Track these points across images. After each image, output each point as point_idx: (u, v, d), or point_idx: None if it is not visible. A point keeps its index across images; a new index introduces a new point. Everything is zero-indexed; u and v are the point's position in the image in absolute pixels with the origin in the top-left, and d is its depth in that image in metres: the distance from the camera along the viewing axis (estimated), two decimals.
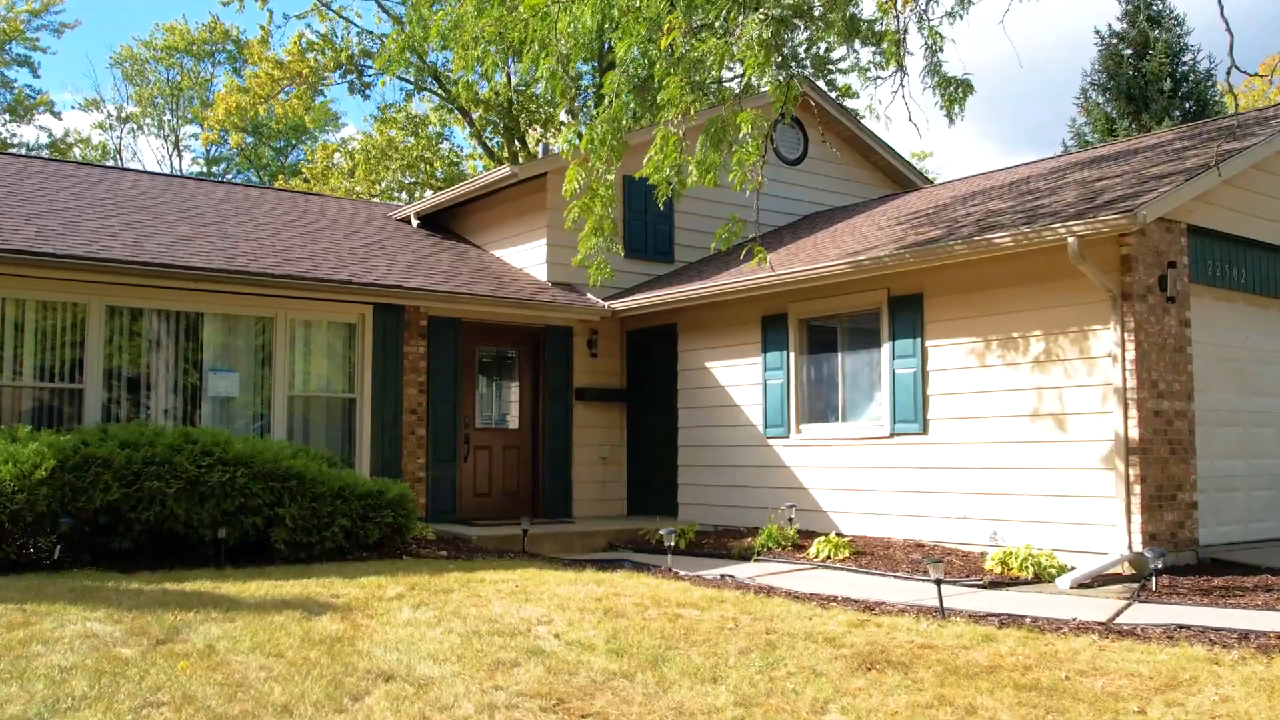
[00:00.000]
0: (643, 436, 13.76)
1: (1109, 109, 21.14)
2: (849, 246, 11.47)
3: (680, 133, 9.14)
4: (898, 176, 17.22)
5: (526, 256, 14.01)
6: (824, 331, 11.65)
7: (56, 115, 42.90)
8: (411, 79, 27.36)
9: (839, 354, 11.33)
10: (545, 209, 13.68)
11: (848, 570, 9.35)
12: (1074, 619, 6.91)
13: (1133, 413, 8.81)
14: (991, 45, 50.41)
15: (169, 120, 44.46)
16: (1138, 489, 8.77)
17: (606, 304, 13.30)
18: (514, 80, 24.45)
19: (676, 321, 13.29)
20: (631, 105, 9.61)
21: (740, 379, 12.34)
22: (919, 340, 10.41)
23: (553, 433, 13.31)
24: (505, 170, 13.27)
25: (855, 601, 7.68)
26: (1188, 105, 20.88)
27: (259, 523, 8.84)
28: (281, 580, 7.70)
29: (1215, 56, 21.60)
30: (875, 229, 12.18)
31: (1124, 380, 8.86)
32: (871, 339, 10.99)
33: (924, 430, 10.33)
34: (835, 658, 5.53)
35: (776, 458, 11.80)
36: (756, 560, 10.10)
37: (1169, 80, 20.56)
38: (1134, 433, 8.79)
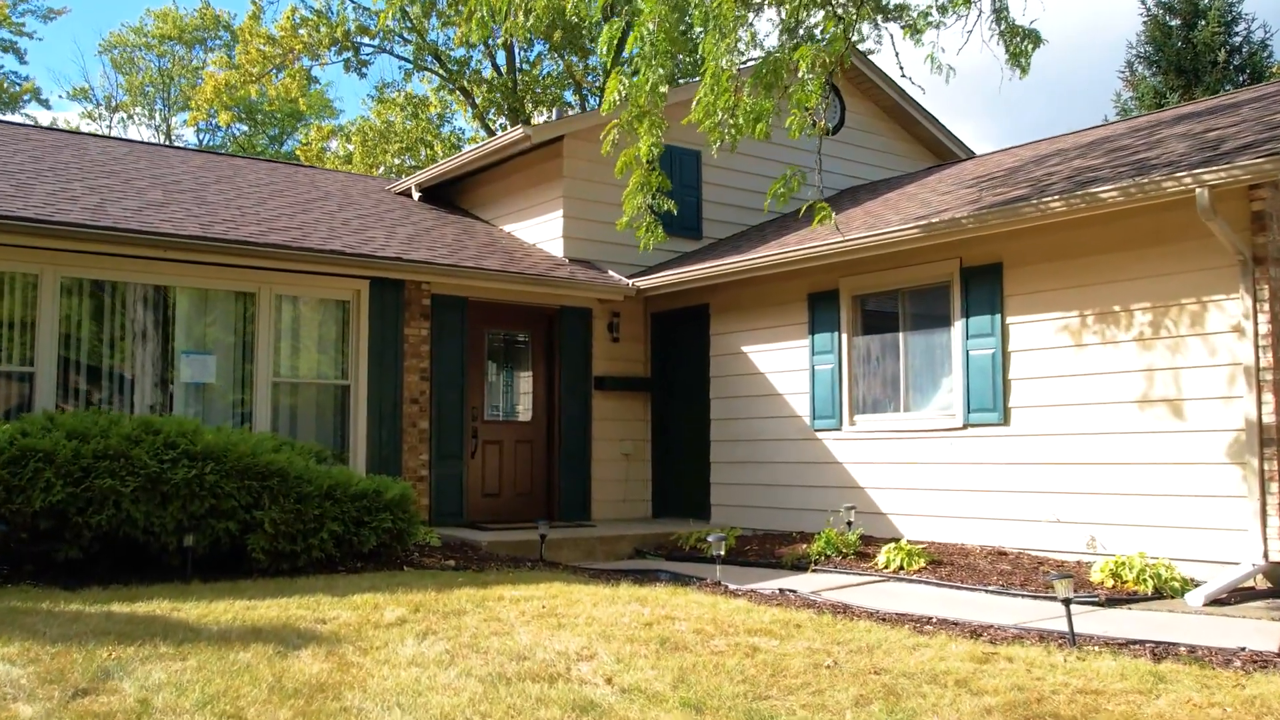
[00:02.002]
0: (670, 430, 12.38)
1: (1156, 83, 19.75)
2: (911, 212, 10.08)
3: (734, 69, 7.75)
4: (940, 150, 15.85)
5: (540, 231, 12.63)
6: (881, 309, 10.27)
7: (44, 104, 41.45)
8: (411, 57, 25.99)
9: (900, 334, 9.94)
10: (561, 177, 12.30)
11: (927, 583, 7.96)
12: (1243, 649, 5.52)
13: (1268, 397, 7.43)
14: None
15: (160, 110, 43.08)
16: (1274, 487, 7.38)
17: (630, 282, 11.91)
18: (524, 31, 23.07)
19: (708, 301, 11.90)
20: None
21: (783, 364, 10.95)
22: (998, 317, 9.02)
23: (570, 426, 11.93)
24: (518, 133, 11.88)
25: (955, 624, 6.31)
26: (1241, 78, 19.51)
27: (233, 528, 7.45)
28: (256, 599, 6.31)
29: (1271, 25, 20.19)
30: (936, 195, 10.79)
31: (1256, 359, 7.48)
32: (939, 317, 9.60)
33: (1004, 420, 8.94)
34: (984, 711, 4.15)
35: (826, 453, 10.42)
36: (814, 570, 8.71)
37: (1223, 50, 19.18)
38: (1269, 419, 7.41)
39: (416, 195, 14.11)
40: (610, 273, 12.13)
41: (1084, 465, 8.40)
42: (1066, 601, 5.86)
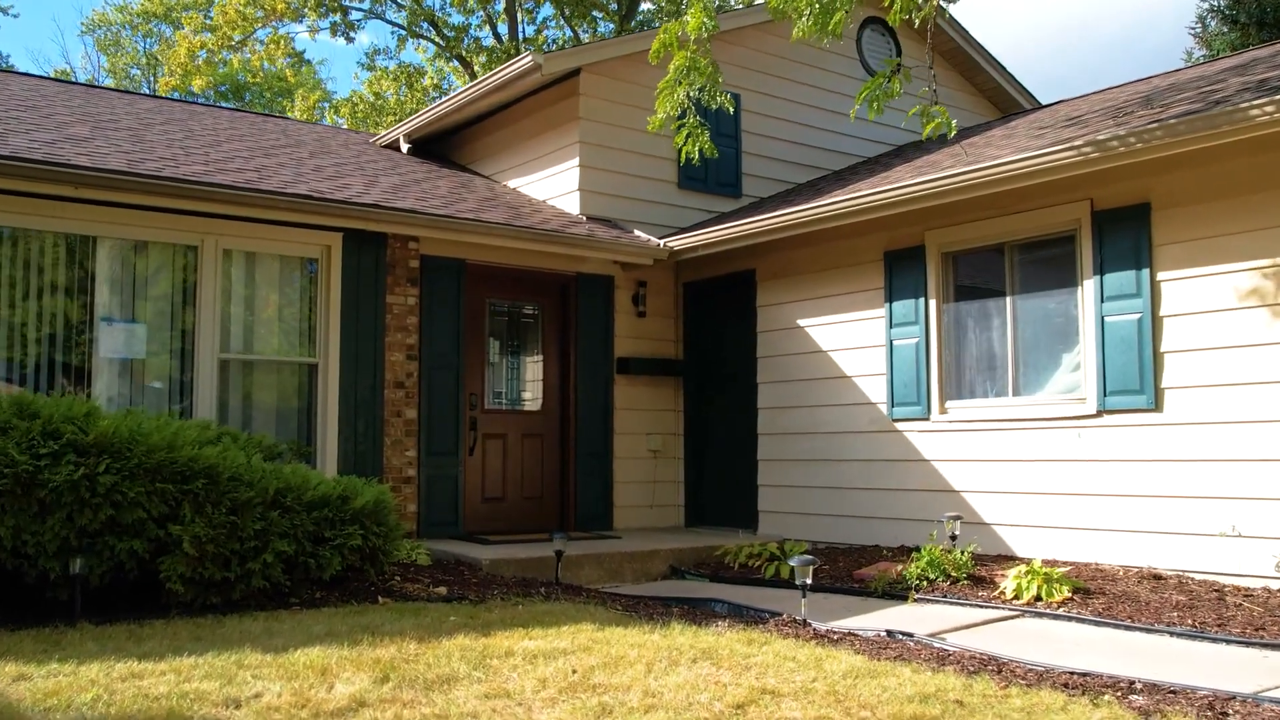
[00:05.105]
0: (706, 422, 10.37)
1: (1234, 38, 17.75)
2: (1019, 147, 8.06)
3: None
4: (1004, 102, 13.85)
5: (552, 185, 10.60)
6: (980, 268, 8.27)
7: None
8: (404, 23, 23.98)
9: (1006, 299, 7.93)
10: (578, 119, 10.27)
11: (1080, 620, 5.94)
12: None
13: None
14: (996, 31, 47.21)
15: (147, 94, 41.04)
16: None
17: (661, 243, 9.89)
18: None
19: (754, 266, 9.88)
20: None
21: (851, 340, 8.94)
22: (1145, 272, 7.01)
23: (587, 417, 9.92)
24: (527, 61, 9.85)
25: (1173, 692, 4.30)
26: None
27: (141, 548, 5.43)
28: (152, 658, 4.30)
29: None
30: (1032, 138, 8.75)
31: None
32: (1061, 275, 7.59)
33: (1155, 405, 6.93)
34: None
35: (910, 448, 8.40)
36: (916, 600, 6.69)
37: None
38: None
39: (405, 148, 12.10)
40: (636, 232, 10.11)
41: (1273, 463, 6.38)
42: None
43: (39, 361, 7.33)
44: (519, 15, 24.50)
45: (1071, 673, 4.66)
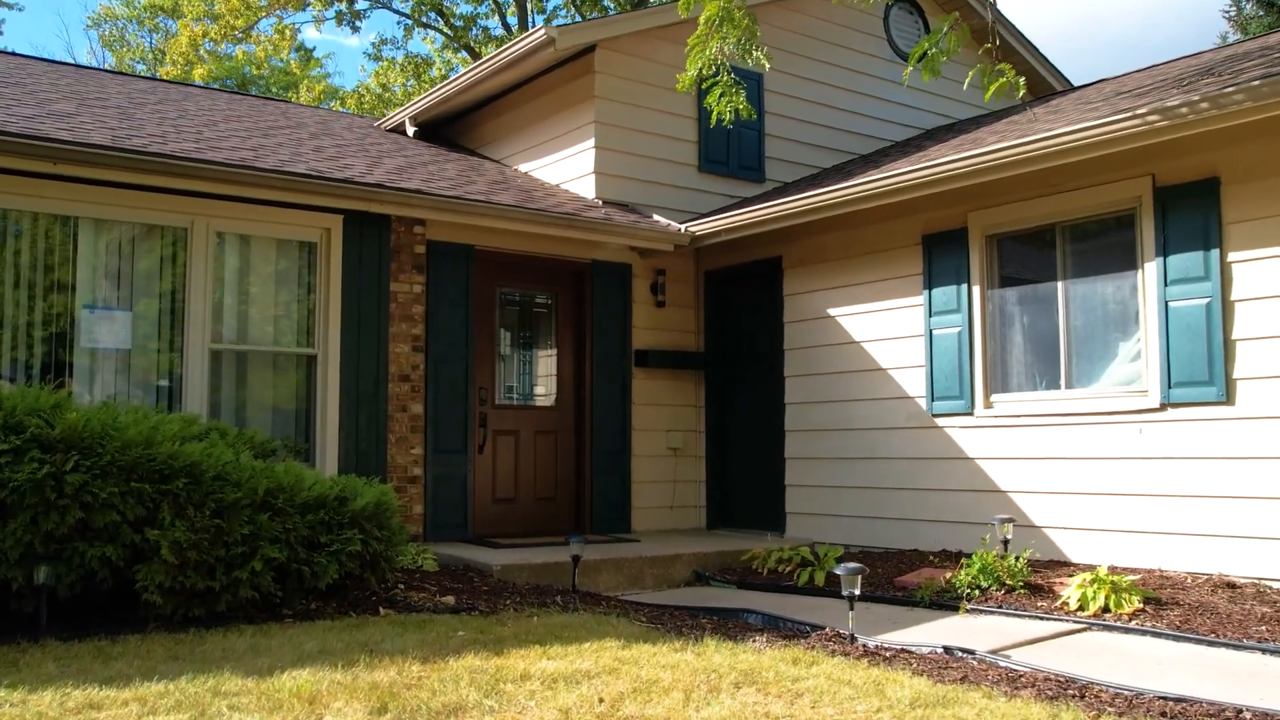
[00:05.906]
0: (730, 418, 9.80)
1: (1269, 21, 17.14)
2: (1071, 120, 7.47)
3: None
4: (1037, 85, 13.18)
5: (566, 168, 10.04)
6: (1028, 251, 7.69)
7: None
8: (410, 13, 23.45)
9: (1057, 283, 7.35)
10: (593, 98, 9.71)
11: (1156, 634, 5.36)
12: None
13: None
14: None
15: (141, 75, 40.58)
16: None
17: (682, 227, 9.33)
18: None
19: (781, 253, 9.32)
20: None
21: (887, 330, 8.37)
22: (1214, 253, 6.43)
23: (603, 413, 9.36)
24: (540, 35, 9.28)
25: None
26: None
27: (114, 555, 4.89)
28: (115, 683, 3.75)
29: None
30: (1083, 113, 8.16)
31: None
32: (1119, 256, 7.01)
33: (1226, 397, 6.35)
34: None
35: (951, 446, 7.83)
36: (968, 611, 6.11)
37: None
38: None
39: (411, 131, 11.54)
40: (655, 217, 9.55)
41: None
42: None
43: (13, 352, 6.80)
44: (528, 4, 23.97)
45: (1164, 698, 4.09)
